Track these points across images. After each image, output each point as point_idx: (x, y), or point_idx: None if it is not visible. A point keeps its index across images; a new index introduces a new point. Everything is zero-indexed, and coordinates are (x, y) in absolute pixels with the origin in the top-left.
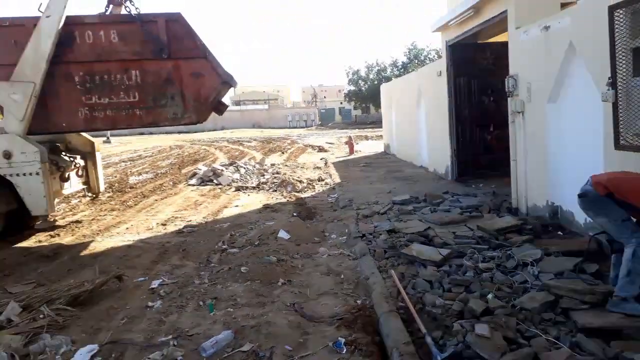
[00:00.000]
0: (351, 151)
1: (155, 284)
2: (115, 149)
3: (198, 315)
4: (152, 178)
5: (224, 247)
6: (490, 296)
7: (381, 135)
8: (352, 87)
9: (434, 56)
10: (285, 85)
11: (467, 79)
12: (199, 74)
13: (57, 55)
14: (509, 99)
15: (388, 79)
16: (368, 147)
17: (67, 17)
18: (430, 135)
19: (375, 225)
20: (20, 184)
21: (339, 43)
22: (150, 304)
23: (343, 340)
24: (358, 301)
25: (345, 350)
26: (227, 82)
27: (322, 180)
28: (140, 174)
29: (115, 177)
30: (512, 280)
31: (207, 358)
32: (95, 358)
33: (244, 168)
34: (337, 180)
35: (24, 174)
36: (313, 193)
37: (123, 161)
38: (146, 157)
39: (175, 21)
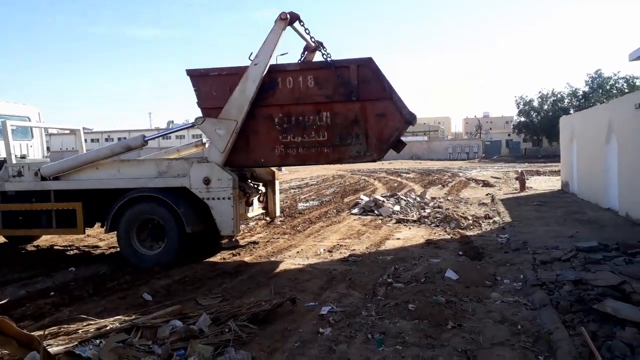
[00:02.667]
0: (522, 187)
1: (324, 310)
2: (285, 177)
3: (367, 348)
4: (317, 205)
5: (389, 280)
6: None
7: (555, 171)
8: (523, 119)
9: (622, 85)
10: (446, 116)
11: None
12: (384, 114)
13: (261, 98)
14: None
15: (565, 110)
16: (540, 183)
17: (272, 66)
18: (622, 175)
19: (557, 273)
20: (214, 206)
21: (507, 70)
22: (321, 330)
23: None
24: (540, 357)
25: None
26: (409, 121)
27: (490, 218)
28: (307, 200)
29: (286, 202)
30: None
31: None
32: None
33: (405, 200)
34: (507, 219)
35: (218, 198)
36: (479, 231)
37: (292, 188)
38: (312, 185)
39: (365, 66)
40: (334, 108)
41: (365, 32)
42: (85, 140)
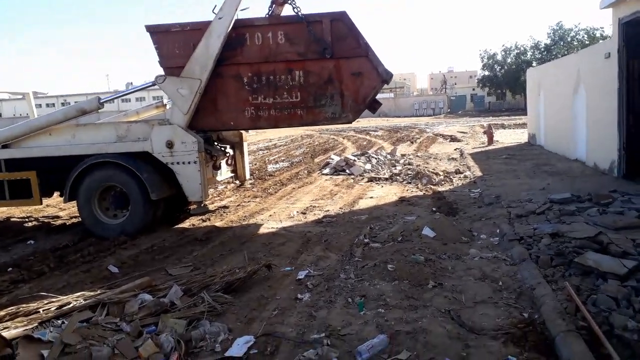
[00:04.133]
0: (490, 141)
1: (301, 274)
2: (252, 138)
3: (348, 313)
4: (288, 166)
5: (366, 240)
6: None
7: (519, 124)
8: (487, 72)
9: (583, 37)
10: (411, 72)
11: None
12: (359, 73)
13: (228, 56)
14: None
15: (528, 63)
16: (506, 136)
17: (239, 20)
18: (590, 125)
19: (534, 227)
20: (180, 171)
21: (470, 24)
22: (299, 296)
23: (514, 359)
24: (524, 314)
25: None
26: (386, 80)
27: (460, 172)
28: (277, 162)
29: (255, 165)
30: None
31: None
32: (252, 350)
33: (375, 158)
34: (478, 173)
35: (183, 162)
36: (451, 187)
37: (260, 150)
38: (280, 146)
39: (339, 20)
40: (307, 66)
41: None
42: (40, 105)
